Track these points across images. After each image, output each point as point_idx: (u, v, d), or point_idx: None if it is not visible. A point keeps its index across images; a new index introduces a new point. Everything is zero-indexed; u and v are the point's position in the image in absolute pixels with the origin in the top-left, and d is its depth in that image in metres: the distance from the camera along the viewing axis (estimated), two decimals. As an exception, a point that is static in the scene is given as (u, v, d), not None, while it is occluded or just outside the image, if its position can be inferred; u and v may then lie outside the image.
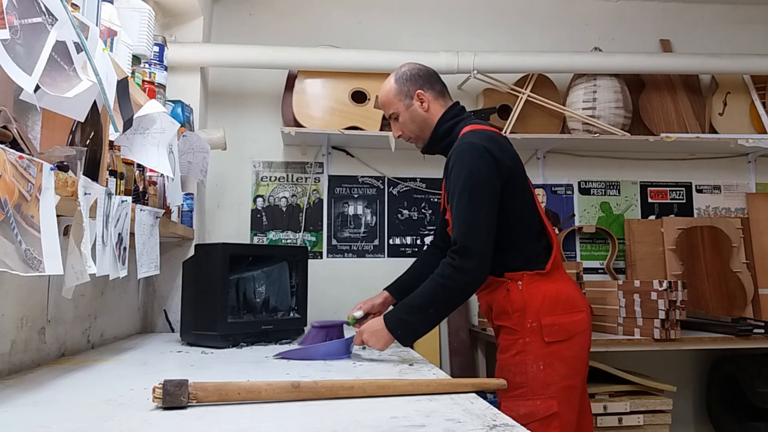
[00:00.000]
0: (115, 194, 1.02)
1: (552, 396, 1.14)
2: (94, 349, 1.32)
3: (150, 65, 1.51)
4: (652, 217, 2.39)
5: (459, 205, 1.13)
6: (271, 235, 2.25)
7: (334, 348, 1.16)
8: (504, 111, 2.25)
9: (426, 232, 2.30)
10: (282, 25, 2.33)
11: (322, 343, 1.24)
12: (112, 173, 1.08)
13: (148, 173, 1.40)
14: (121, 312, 1.58)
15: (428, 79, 1.27)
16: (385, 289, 1.42)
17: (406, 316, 1.13)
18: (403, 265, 2.38)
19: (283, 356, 1.17)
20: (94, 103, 0.88)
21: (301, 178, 2.30)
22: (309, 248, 2.23)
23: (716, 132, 2.34)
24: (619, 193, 2.41)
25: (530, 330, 1.17)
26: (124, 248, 1.08)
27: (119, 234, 1.04)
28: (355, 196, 2.30)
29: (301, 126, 2.13)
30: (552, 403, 1.13)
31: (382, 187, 2.31)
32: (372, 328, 1.14)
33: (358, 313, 1.34)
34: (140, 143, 1.17)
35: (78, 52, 0.79)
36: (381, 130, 2.13)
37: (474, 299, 1.89)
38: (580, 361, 1.19)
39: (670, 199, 2.42)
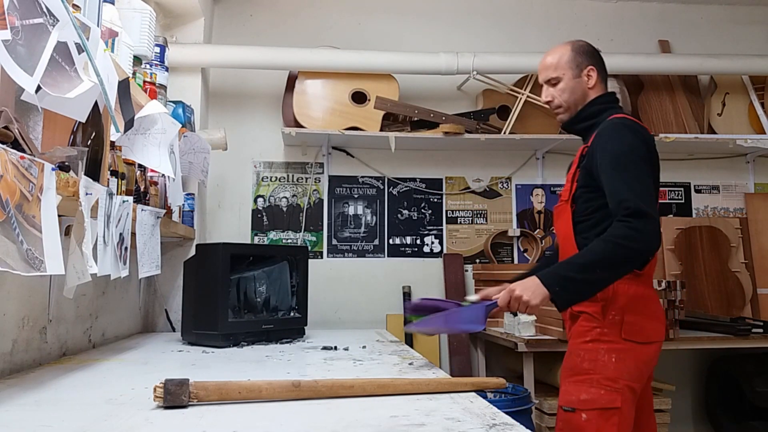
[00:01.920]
0: (117, 194, 1.03)
1: (617, 390, 1.10)
2: (96, 349, 1.32)
3: (151, 66, 1.51)
4: (652, 217, 2.39)
5: (626, 172, 1.09)
6: (272, 235, 2.25)
7: (471, 315, 1.04)
8: (503, 111, 2.25)
9: (426, 232, 2.31)
10: (282, 26, 2.33)
11: (455, 310, 1.07)
12: (114, 173, 1.08)
13: (150, 173, 1.40)
14: (123, 311, 1.58)
15: (600, 61, 1.29)
16: (531, 270, 1.28)
17: (569, 272, 1.05)
18: (403, 265, 2.40)
19: (414, 327, 1.08)
20: (96, 103, 0.88)
21: (302, 179, 2.30)
22: (309, 248, 2.23)
23: (715, 132, 2.34)
24: (618, 193, 2.41)
25: (610, 322, 1.14)
26: (126, 248, 1.08)
27: (120, 234, 1.05)
28: (355, 196, 2.30)
29: (301, 126, 2.13)
30: (616, 397, 1.09)
31: (382, 187, 2.31)
32: (525, 284, 1.06)
33: (474, 297, 1.19)
34: (141, 143, 1.17)
35: (79, 53, 0.79)
36: (381, 130, 2.14)
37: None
38: (648, 369, 1.17)
39: (669, 199, 2.42)
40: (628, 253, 1.05)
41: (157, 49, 1.56)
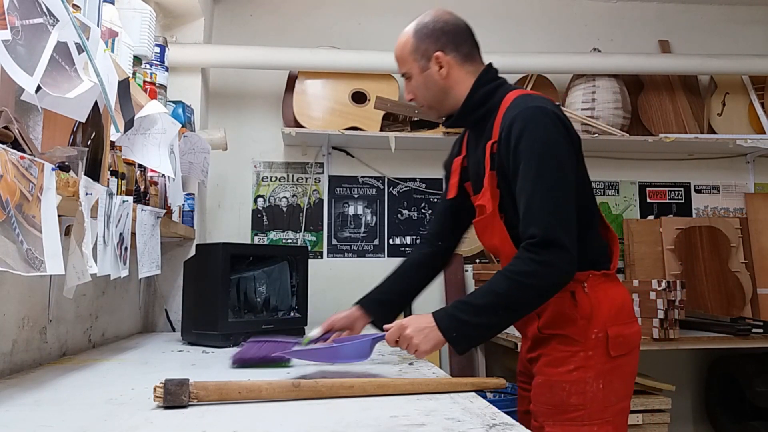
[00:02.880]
0: (117, 194, 1.03)
1: (608, 420, 0.95)
2: (96, 349, 1.32)
3: (151, 66, 1.51)
4: (651, 217, 2.39)
5: (537, 187, 0.90)
6: (272, 235, 2.25)
7: (357, 350, 0.97)
8: (503, 111, 2.25)
9: (425, 232, 2.31)
10: (282, 26, 2.33)
11: (341, 346, 1.02)
12: (114, 173, 1.08)
13: (150, 173, 1.40)
14: (123, 311, 1.58)
15: (454, 38, 1.02)
16: (357, 303, 1.13)
17: (467, 316, 0.90)
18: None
19: (287, 355, 1.01)
20: (96, 103, 0.88)
21: (302, 179, 2.30)
22: (309, 248, 2.23)
23: (715, 132, 2.34)
24: (617, 193, 2.42)
25: (595, 341, 0.96)
26: (126, 248, 1.08)
27: (120, 234, 1.05)
28: (355, 196, 2.30)
29: (301, 126, 2.13)
30: (608, 429, 0.95)
31: (382, 187, 2.31)
32: (418, 325, 0.91)
33: (315, 332, 1.09)
34: (141, 144, 1.17)
35: (79, 53, 0.79)
36: (381, 130, 2.14)
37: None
38: (634, 379, 1.03)
39: (669, 199, 2.42)
40: (536, 292, 0.91)
41: (157, 49, 1.56)
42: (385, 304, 1.12)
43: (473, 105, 1.02)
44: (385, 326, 0.96)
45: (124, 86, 1.01)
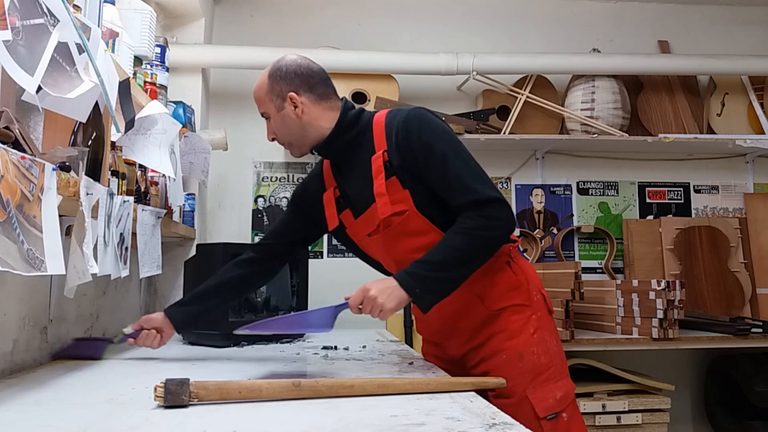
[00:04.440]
0: (117, 194, 1.03)
1: (566, 374, 1.04)
2: (96, 349, 1.32)
3: (151, 66, 1.51)
4: (650, 217, 2.39)
5: (456, 163, 0.99)
6: (271, 235, 2.25)
7: (318, 318, 0.97)
8: (503, 112, 2.25)
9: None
10: (282, 26, 2.33)
11: (300, 313, 1.04)
12: (114, 173, 1.09)
13: (150, 173, 1.40)
14: (123, 311, 1.58)
15: (307, 80, 1.07)
16: (164, 310, 1.19)
17: (427, 272, 0.94)
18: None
19: (246, 329, 1.03)
20: (96, 103, 0.89)
21: (302, 179, 2.30)
22: (309, 248, 2.23)
23: (714, 132, 2.35)
24: (617, 193, 2.42)
25: (537, 303, 1.06)
26: (126, 248, 1.08)
27: (121, 234, 1.05)
28: (355, 196, 2.30)
29: (301, 126, 2.13)
30: (569, 381, 1.04)
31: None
32: (380, 286, 0.94)
33: (128, 329, 1.16)
34: (142, 144, 1.18)
35: (80, 53, 0.79)
36: (380, 130, 2.14)
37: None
38: None
39: (668, 200, 2.43)
40: (488, 242, 0.98)
41: (158, 50, 1.56)
42: (187, 311, 1.18)
43: (344, 128, 1.08)
44: (347, 295, 0.99)
45: (124, 86, 1.01)
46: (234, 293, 1.22)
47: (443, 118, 1.07)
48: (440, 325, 1.10)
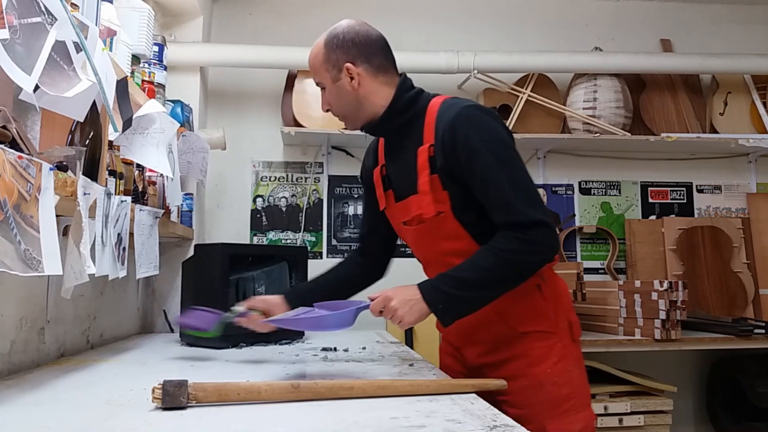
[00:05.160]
0: (115, 194, 1.02)
1: (588, 404, 1.01)
2: (94, 350, 1.32)
3: (149, 65, 1.51)
4: (653, 217, 2.38)
5: (503, 176, 0.92)
6: (271, 235, 2.24)
7: (340, 319, 0.95)
8: (504, 111, 2.24)
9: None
10: (282, 24, 2.33)
11: (323, 314, 1.00)
12: (112, 173, 1.08)
13: (148, 173, 1.39)
14: (121, 312, 1.58)
15: (365, 50, 1.02)
16: (282, 294, 1.15)
17: (453, 290, 0.91)
18: (402, 265, 2.38)
19: (272, 322, 1.03)
20: (94, 102, 0.88)
21: (301, 178, 2.29)
22: (309, 248, 2.22)
23: (717, 132, 2.34)
24: (619, 193, 2.41)
25: (563, 330, 1.01)
26: (124, 248, 1.08)
27: (118, 234, 1.04)
28: (355, 196, 2.30)
29: (301, 126, 2.12)
30: (590, 412, 1.00)
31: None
32: (403, 296, 0.91)
33: (239, 307, 1.12)
34: (140, 143, 1.17)
35: (77, 52, 0.78)
36: (381, 130, 2.13)
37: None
38: None
39: (671, 199, 2.42)
40: (522, 267, 0.92)
41: (156, 48, 1.55)
42: (309, 300, 1.11)
43: (397, 111, 1.02)
44: (370, 295, 0.96)
45: (122, 85, 1.00)
46: (348, 291, 1.18)
47: (499, 119, 0.99)
48: (458, 332, 1.06)
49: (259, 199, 2.26)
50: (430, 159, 0.97)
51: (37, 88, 0.69)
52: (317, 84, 1.07)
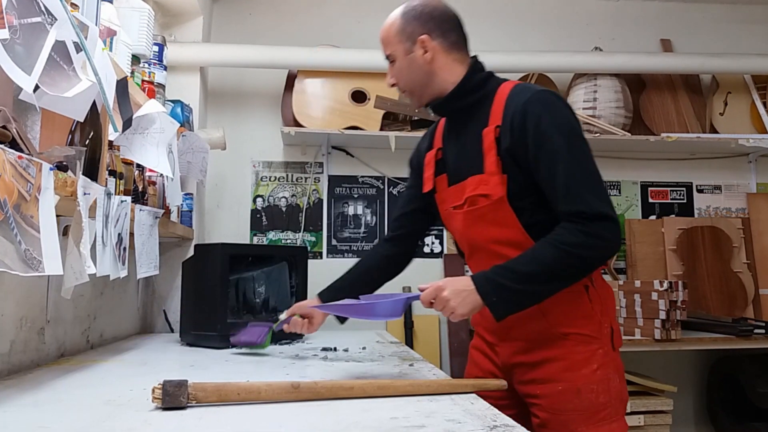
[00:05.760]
0: (115, 194, 1.02)
1: (623, 414, 0.97)
2: (94, 350, 1.32)
3: (149, 65, 1.51)
4: (653, 217, 2.38)
5: (572, 164, 0.89)
6: (271, 235, 2.24)
7: (389, 308, 0.92)
8: (504, 111, 2.24)
9: (426, 233, 2.30)
10: (282, 24, 2.33)
11: (372, 303, 0.97)
12: (112, 173, 1.08)
13: (148, 173, 1.39)
14: (121, 312, 1.58)
15: (441, 24, 1.00)
16: (317, 294, 1.16)
17: (509, 282, 0.87)
18: None
19: (323, 309, 1.02)
20: (94, 102, 0.88)
21: (301, 178, 2.29)
22: (309, 248, 2.22)
23: (717, 132, 2.33)
24: (619, 193, 2.41)
25: (606, 336, 0.97)
26: (124, 248, 1.08)
27: (119, 234, 1.04)
28: (355, 196, 2.30)
29: (300, 126, 2.12)
30: (624, 423, 0.96)
31: (382, 187, 2.31)
32: (456, 287, 0.88)
33: (283, 315, 1.15)
34: (140, 143, 1.17)
35: (77, 52, 0.78)
36: (381, 129, 2.13)
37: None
38: None
39: (671, 199, 2.42)
40: (583, 263, 0.89)
41: (156, 48, 1.55)
42: (344, 296, 1.08)
43: (467, 90, 1.00)
44: (421, 286, 0.93)
45: (122, 85, 1.00)
46: (384, 275, 1.17)
47: (570, 106, 0.97)
48: (494, 327, 1.02)
49: (259, 199, 2.26)
50: (496, 140, 0.95)
51: (37, 88, 0.69)
52: (387, 57, 1.05)
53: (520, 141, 0.92)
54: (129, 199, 1.08)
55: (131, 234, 1.15)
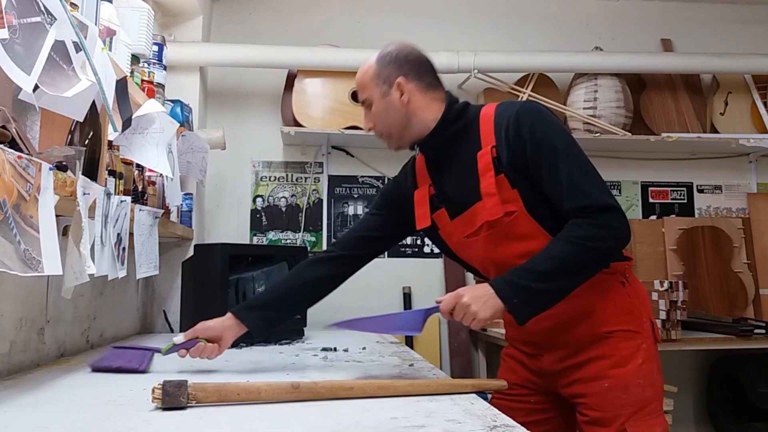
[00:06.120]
0: (114, 194, 1.02)
1: (662, 409, 0.98)
2: (94, 350, 1.32)
3: (149, 65, 1.50)
4: (653, 217, 2.38)
5: (572, 164, 0.91)
6: (271, 235, 2.24)
7: (408, 321, 0.92)
8: (504, 111, 2.24)
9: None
10: (281, 24, 2.32)
11: (390, 315, 0.98)
12: (111, 173, 1.08)
13: (147, 173, 1.39)
14: (121, 312, 1.57)
15: (416, 67, 1.03)
16: (231, 311, 1.07)
17: (528, 282, 0.87)
18: (403, 265, 2.39)
19: (339, 325, 1.00)
20: (93, 102, 0.88)
21: (301, 178, 2.29)
22: (309, 248, 2.22)
23: (717, 132, 2.33)
24: (620, 192, 2.41)
25: (647, 330, 0.98)
26: (123, 248, 1.08)
27: (118, 234, 1.04)
28: (355, 196, 2.30)
29: (300, 126, 2.12)
30: (664, 416, 0.97)
31: (381, 187, 2.31)
32: (475, 293, 0.88)
33: (178, 338, 1.03)
34: (139, 143, 1.17)
35: (77, 52, 0.78)
36: (381, 129, 2.13)
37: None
38: None
39: (671, 199, 2.42)
40: (599, 254, 0.90)
41: (155, 48, 1.55)
42: (263, 317, 1.05)
43: (450, 120, 1.01)
44: (438, 299, 0.92)
45: (121, 85, 1.00)
46: (314, 295, 1.12)
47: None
48: (538, 337, 1.01)
49: (258, 199, 2.26)
50: (494, 160, 0.96)
51: (36, 87, 0.69)
52: (363, 102, 1.06)
53: (519, 152, 0.95)
54: (128, 199, 1.08)
55: (131, 234, 1.15)
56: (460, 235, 1.03)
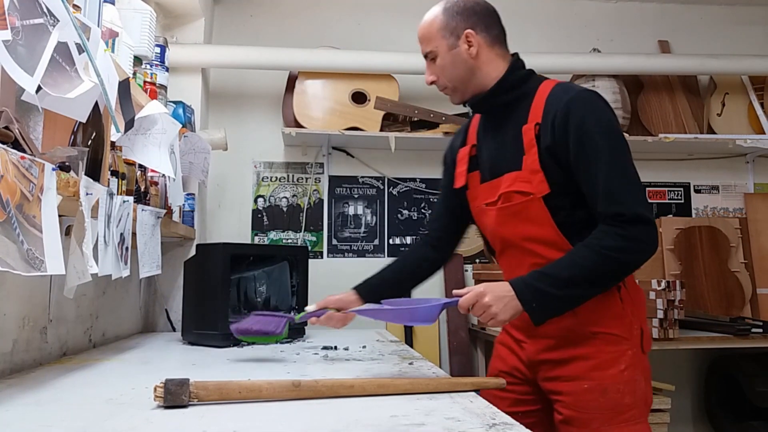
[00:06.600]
0: (117, 194, 1.03)
1: (646, 418, 0.96)
2: (96, 349, 1.33)
3: (151, 66, 1.51)
4: (651, 217, 2.39)
5: (613, 166, 0.89)
6: (272, 235, 2.25)
7: (424, 313, 0.92)
8: (503, 111, 2.25)
9: (426, 232, 2.31)
10: (283, 26, 2.33)
11: (407, 308, 0.98)
12: (114, 173, 1.09)
13: (150, 173, 1.40)
14: (123, 311, 1.58)
15: (484, 18, 0.99)
16: (353, 288, 1.12)
17: (549, 288, 0.87)
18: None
19: (360, 313, 1.02)
20: (96, 103, 0.88)
21: (302, 179, 2.30)
22: (309, 248, 2.23)
23: (714, 132, 2.34)
24: (618, 193, 2.41)
25: (635, 338, 0.96)
26: (126, 248, 1.08)
27: (121, 234, 1.05)
28: (356, 196, 2.31)
29: (301, 126, 2.13)
30: (647, 426, 0.96)
31: (382, 187, 2.32)
32: (497, 293, 0.88)
33: (310, 307, 1.09)
34: (142, 144, 1.18)
35: (80, 53, 0.79)
36: (381, 130, 2.14)
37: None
38: None
39: (669, 200, 2.43)
40: (622, 267, 0.90)
41: (158, 50, 1.56)
42: (380, 292, 1.08)
43: (508, 86, 0.99)
44: (456, 291, 0.91)
45: (124, 86, 1.01)
46: (425, 274, 1.15)
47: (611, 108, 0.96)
48: (524, 324, 1.00)
49: (260, 199, 2.27)
50: (536, 137, 0.94)
51: (39, 89, 0.69)
52: (426, 54, 1.04)
53: (561, 140, 0.92)
54: (131, 199, 1.09)
55: (133, 234, 1.16)
56: (482, 201, 1.03)
